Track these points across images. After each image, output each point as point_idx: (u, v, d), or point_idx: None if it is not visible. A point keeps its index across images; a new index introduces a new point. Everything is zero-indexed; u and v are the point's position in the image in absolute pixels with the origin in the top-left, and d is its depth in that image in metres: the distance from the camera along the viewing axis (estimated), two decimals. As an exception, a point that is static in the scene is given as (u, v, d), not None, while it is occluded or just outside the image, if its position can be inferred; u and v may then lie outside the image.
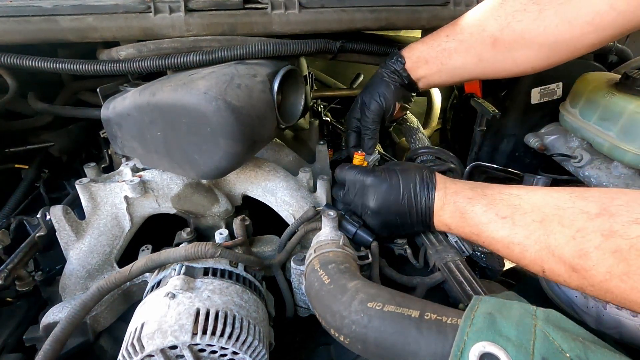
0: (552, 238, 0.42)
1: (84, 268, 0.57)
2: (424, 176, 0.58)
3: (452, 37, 0.67)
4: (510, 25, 0.60)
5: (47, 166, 0.93)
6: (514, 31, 0.60)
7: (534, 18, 0.58)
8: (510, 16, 0.60)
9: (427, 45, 0.70)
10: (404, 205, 0.58)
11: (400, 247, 0.66)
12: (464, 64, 0.68)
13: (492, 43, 0.63)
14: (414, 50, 0.72)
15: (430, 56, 0.70)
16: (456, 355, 0.33)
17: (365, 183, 0.61)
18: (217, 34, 0.67)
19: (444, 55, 0.68)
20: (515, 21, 0.59)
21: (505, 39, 0.61)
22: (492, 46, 0.63)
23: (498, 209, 0.49)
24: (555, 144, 0.91)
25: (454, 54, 0.67)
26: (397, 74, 0.74)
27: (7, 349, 0.56)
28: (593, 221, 0.39)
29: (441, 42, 0.68)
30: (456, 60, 0.68)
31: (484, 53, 0.64)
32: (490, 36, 0.62)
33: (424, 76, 0.73)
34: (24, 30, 0.62)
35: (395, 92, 0.75)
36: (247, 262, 0.54)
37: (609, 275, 0.37)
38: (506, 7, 0.60)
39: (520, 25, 0.59)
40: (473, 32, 0.64)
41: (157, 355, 0.42)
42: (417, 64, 0.72)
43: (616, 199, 0.40)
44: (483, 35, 0.63)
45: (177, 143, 0.57)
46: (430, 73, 0.72)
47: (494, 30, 0.62)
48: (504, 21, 0.60)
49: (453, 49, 0.67)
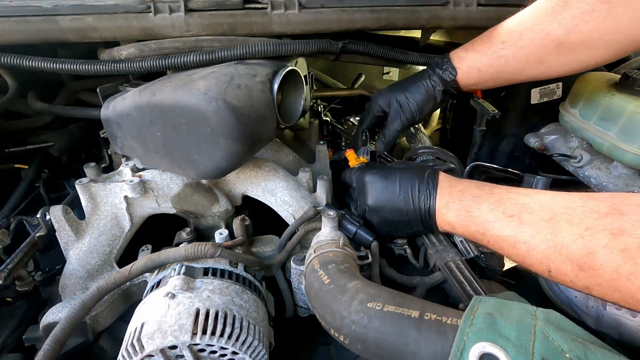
0: (560, 236, 0.41)
1: (83, 268, 0.57)
2: (426, 176, 0.58)
3: (509, 44, 0.63)
4: (578, 27, 0.56)
5: (47, 166, 0.93)
6: (582, 33, 0.57)
7: (603, 17, 0.55)
8: (578, 18, 0.56)
9: (480, 54, 0.66)
10: (400, 203, 0.58)
11: (400, 247, 0.66)
12: (522, 69, 0.65)
13: (556, 47, 0.59)
14: (465, 60, 0.68)
15: (484, 64, 0.66)
16: (456, 356, 0.33)
17: (365, 180, 0.62)
18: (217, 34, 0.67)
19: (500, 63, 0.65)
20: (583, 22, 0.56)
21: (571, 42, 0.58)
22: (556, 49, 0.60)
23: (505, 207, 0.48)
24: (555, 144, 0.91)
25: (511, 60, 0.64)
26: (446, 87, 0.70)
27: (6, 349, 0.56)
28: (603, 220, 0.39)
29: (497, 49, 0.64)
30: (514, 67, 0.64)
31: (546, 57, 0.61)
32: (554, 40, 0.59)
33: (474, 84, 0.70)
34: (24, 30, 0.62)
35: (433, 107, 0.73)
36: (247, 262, 0.54)
37: (616, 274, 0.37)
38: (572, 8, 0.57)
39: (588, 26, 0.56)
40: (534, 37, 0.61)
41: (157, 355, 0.42)
42: (468, 74, 0.68)
43: (627, 200, 0.39)
44: (546, 40, 0.60)
45: (177, 143, 0.57)
46: (482, 81, 0.69)
47: (559, 34, 0.58)
48: (570, 23, 0.57)
49: (511, 56, 0.63)
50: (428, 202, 0.57)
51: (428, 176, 0.58)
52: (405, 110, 0.73)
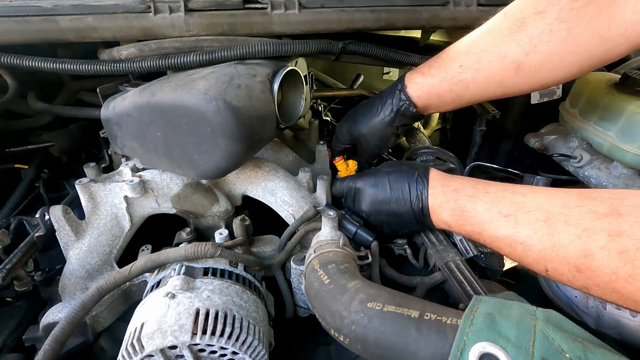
0: (557, 237, 0.41)
1: (83, 268, 0.57)
2: (415, 176, 0.58)
3: (467, 67, 0.61)
4: (537, 48, 0.54)
5: (47, 166, 0.93)
6: (541, 53, 0.54)
7: (563, 38, 0.52)
8: (537, 38, 0.54)
9: (437, 79, 0.64)
10: (394, 206, 0.59)
11: (400, 247, 0.66)
12: (482, 92, 0.63)
13: (515, 68, 0.57)
14: (422, 87, 0.66)
15: (443, 89, 0.64)
16: (456, 356, 0.33)
17: (356, 187, 0.63)
18: (217, 34, 0.67)
19: (459, 87, 0.62)
20: (542, 43, 0.54)
21: (530, 63, 0.56)
22: (516, 71, 0.57)
23: (500, 207, 0.48)
24: (555, 144, 0.91)
25: (470, 84, 0.61)
26: (405, 119, 0.70)
27: (6, 349, 0.56)
28: (601, 221, 0.38)
29: (455, 73, 0.62)
30: (474, 90, 0.62)
31: (506, 79, 0.59)
32: (513, 62, 0.56)
33: (435, 108, 0.70)
34: (24, 30, 0.62)
35: (394, 136, 0.73)
36: (247, 262, 0.54)
37: (614, 276, 0.36)
38: (529, 29, 0.54)
39: (547, 47, 0.53)
40: (492, 59, 0.58)
41: (157, 355, 0.42)
42: (428, 102, 0.67)
43: (626, 200, 0.39)
44: (505, 62, 0.57)
45: (177, 143, 0.57)
46: (442, 104, 0.67)
47: (518, 56, 0.56)
48: (528, 44, 0.54)
49: (470, 80, 0.61)
50: (420, 203, 0.57)
51: (418, 176, 0.58)
52: (368, 149, 0.75)
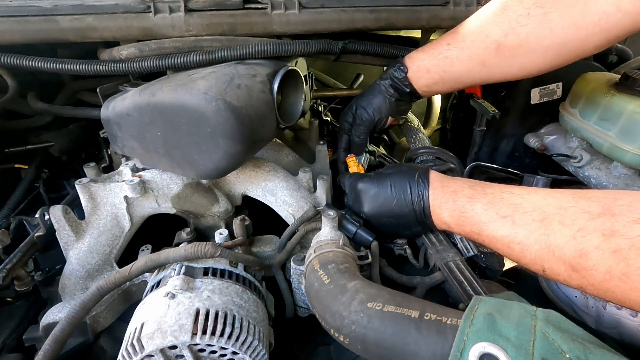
0: (553, 237, 0.42)
1: (83, 268, 0.57)
2: (416, 177, 0.58)
3: (453, 45, 0.66)
4: (515, 30, 0.59)
5: (46, 166, 0.93)
6: (519, 35, 0.59)
7: (539, 21, 0.57)
8: (514, 21, 0.58)
9: (427, 54, 0.69)
10: (395, 208, 0.59)
11: (400, 247, 0.66)
12: (467, 71, 0.67)
13: (496, 49, 0.61)
14: (414, 60, 0.71)
15: (432, 65, 0.69)
16: (456, 356, 0.33)
17: (357, 188, 0.63)
18: (217, 34, 0.67)
19: (445, 63, 0.67)
20: (519, 26, 0.58)
21: (509, 44, 0.60)
22: (496, 52, 0.62)
23: (498, 208, 0.49)
24: (555, 144, 0.91)
25: (456, 61, 0.66)
26: (397, 85, 0.73)
27: (6, 349, 0.56)
28: (594, 221, 0.39)
29: (442, 50, 0.67)
30: (459, 68, 0.66)
31: (487, 59, 0.63)
32: (494, 42, 0.61)
33: (426, 85, 0.72)
34: (24, 30, 0.62)
35: (389, 106, 0.75)
36: (247, 262, 0.54)
37: (609, 275, 0.37)
38: (509, 12, 0.59)
39: (524, 29, 0.58)
40: (475, 39, 0.63)
41: (157, 355, 0.42)
42: (418, 74, 0.71)
43: (619, 200, 0.39)
44: (486, 42, 0.62)
45: (176, 143, 0.57)
46: (432, 82, 0.71)
47: (498, 36, 0.60)
48: (507, 26, 0.59)
49: (455, 57, 0.66)
50: (422, 203, 0.57)
51: (419, 177, 0.58)
52: (363, 115, 0.76)
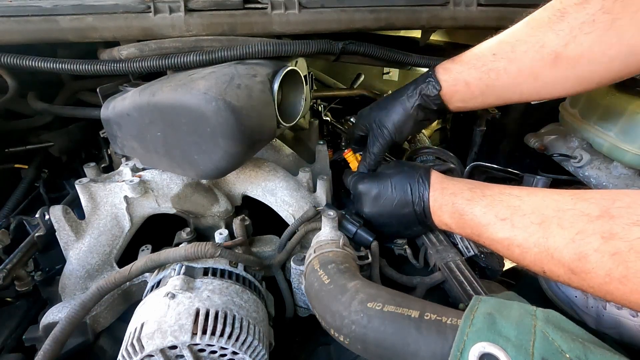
0: (552, 240, 0.41)
1: (83, 268, 0.57)
2: (417, 177, 0.58)
3: (500, 56, 0.57)
4: (577, 39, 0.51)
5: (46, 166, 0.93)
6: (582, 45, 0.51)
7: (606, 28, 0.49)
8: (577, 29, 0.51)
9: (468, 66, 0.60)
10: (396, 208, 0.59)
11: (400, 247, 0.66)
12: (515, 85, 0.58)
13: (552, 60, 0.53)
14: (450, 72, 0.62)
15: (473, 77, 0.60)
16: (456, 356, 0.33)
17: (358, 189, 0.63)
18: (217, 34, 0.67)
19: (490, 76, 0.58)
20: (582, 34, 0.50)
21: (569, 55, 0.52)
22: (553, 64, 0.54)
23: (497, 211, 0.48)
24: (555, 144, 0.91)
25: (503, 74, 0.57)
26: (426, 103, 0.64)
27: (6, 349, 0.56)
28: (593, 223, 0.39)
29: (487, 61, 0.58)
30: (505, 82, 0.58)
31: (541, 72, 0.55)
32: (550, 53, 0.53)
33: (461, 100, 0.63)
34: (24, 30, 0.62)
35: (414, 126, 0.67)
36: (247, 262, 0.54)
37: (608, 278, 0.37)
38: (570, 18, 0.51)
39: (589, 38, 0.50)
40: (528, 49, 0.55)
41: (157, 355, 0.42)
42: (454, 88, 0.62)
43: (618, 201, 0.39)
44: (542, 52, 0.54)
45: (176, 143, 0.57)
46: (470, 97, 0.62)
47: (557, 46, 0.52)
48: (568, 35, 0.51)
49: (502, 69, 0.57)
50: (422, 204, 0.57)
51: (419, 177, 0.58)
52: (383, 132, 0.67)
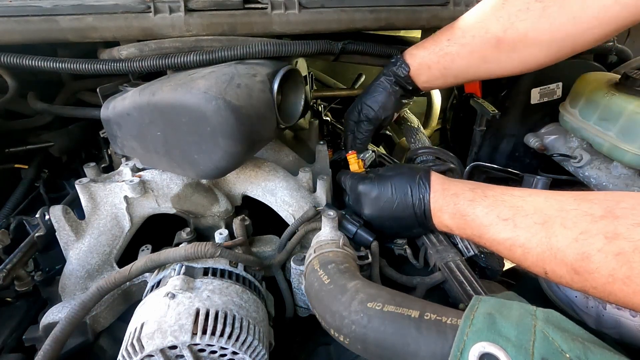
0: (554, 240, 0.41)
1: (83, 268, 0.57)
2: (417, 179, 0.58)
3: (453, 41, 0.66)
4: (514, 25, 0.59)
5: (47, 166, 0.93)
6: (518, 30, 0.59)
7: (538, 16, 0.57)
8: (514, 16, 0.59)
9: (428, 51, 0.69)
10: (396, 210, 0.59)
11: (400, 247, 0.66)
12: (467, 66, 0.67)
13: (495, 44, 0.62)
14: (415, 57, 0.71)
15: (432, 61, 0.69)
16: (456, 356, 0.33)
17: (358, 191, 0.63)
18: (217, 34, 0.67)
19: (446, 59, 0.67)
20: (518, 21, 0.58)
21: (509, 39, 0.60)
22: (496, 47, 0.62)
23: (499, 211, 0.48)
24: (555, 144, 0.91)
25: (456, 57, 0.66)
26: (401, 82, 0.73)
27: (6, 349, 0.56)
28: (597, 223, 0.39)
29: (442, 46, 0.67)
30: (459, 64, 0.67)
31: (488, 54, 0.64)
32: (493, 37, 0.61)
33: (426, 81, 0.72)
34: (24, 30, 0.62)
35: (395, 103, 0.75)
36: (247, 262, 0.54)
37: (611, 278, 0.37)
38: (508, 7, 0.59)
39: (524, 24, 0.58)
40: (475, 34, 0.63)
41: (157, 355, 0.42)
42: (419, 70, 0.71)
43: (622, 202, 0.39)
44: (486, 37, 0.62)
45: (176, 143, 0.57)
46: (433, 78, 0.71)
47: (497, 31, 0.61)
48: (507, 21, 0.60)
49: (455, 53, 0.66)
50: (422, 206, 0.57)
51: (419, 179, 0.58)
52: (370, 112, 0.76)
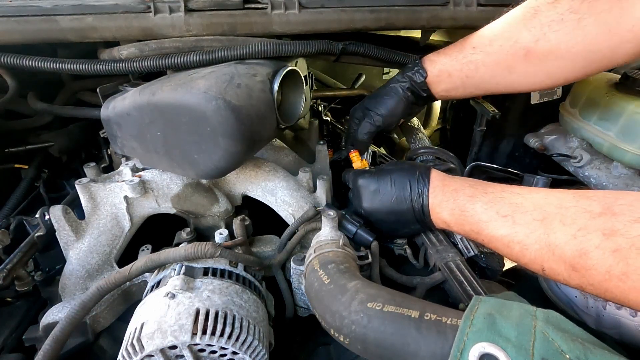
0: (553, 237, 0.42)
1: (83, 268, 0.57)
2: (417, 174, 0.58)
3: (479, 49, 0.63)
4: (546, 36, 0.57)
5: (47, 166, 0.93)
6: (550, 42, 0.57)
7: (572, 27, 0.55)
8: (547, 26, 0.56)
9: (450, 58, 0.67)
10: (394, 204, 0.59)
11: (400, 247, 0.66)
12: (491, 76, 0.64)
13: (524, 55, 0.59)
14: (435, 63, 0.68)
15: (455, 69, 0.66)
16: (456, 356, 0.33)
17: (358, 184, 0.63)
18: (217, 34, 0.67)
19: (469, 68, 0.65)
20: (551, 31, 0.56)
21: (539, 50, 0.58)
22: (525, 58, 0.59)
23: (499, 207, 0.48)
24: (555, 144, 0.91)
25: (481, 66, 0.64)
26: (415, 89, 0.71)
27: (6, 349, 0.56)
28: (595, 220, 0.39)
29: (467, 54, 0.64)
30: (483, 73, 0.64)
31: (515, 65, 0.61)
32: (523, 48, 0.59)
33: (444, 89, 0.70)
34: (24, 30, 0.62)
35: (404, 109, 0.73)
36: (247, 262, 0.54)
37: (608, 275, 0.37)
38: (541, 17, 0.57)
39: (556, 35, 0.56)
40: (503, 43, 0.61)
41: (157, 355, 0.42)
42: (439, 78, 0.68)
43: (620, 199, 0.39)
44: (515, 47, 0.59)
45: (176, 143, 0.57)
46: (453, 86, 0.69)
47: (528, 42, 0.58)
48: (539, 32, 0.57)
49: (480, 61, 0.63)
50: (421, 201, 0.57)
51: (419, 175, 0.58)
52: (376, 115, 0.73)
